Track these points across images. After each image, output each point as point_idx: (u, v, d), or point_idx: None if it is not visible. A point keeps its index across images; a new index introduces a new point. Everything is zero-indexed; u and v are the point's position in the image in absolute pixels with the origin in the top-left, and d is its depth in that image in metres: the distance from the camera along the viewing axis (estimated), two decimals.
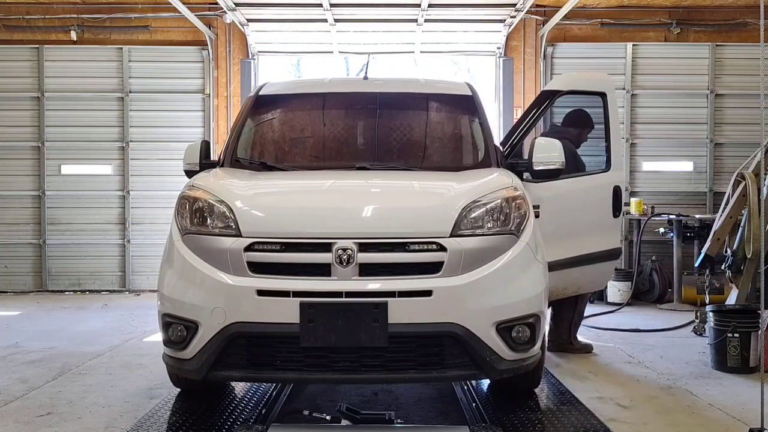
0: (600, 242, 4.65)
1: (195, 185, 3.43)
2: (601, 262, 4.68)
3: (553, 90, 4.82)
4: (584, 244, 4.54)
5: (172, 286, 3.22)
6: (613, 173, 4.71)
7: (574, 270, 4.47)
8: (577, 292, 4.92)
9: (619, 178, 4.73)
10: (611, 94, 4.78)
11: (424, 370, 3.05)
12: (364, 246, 3.02)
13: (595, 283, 4.95)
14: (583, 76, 4.99)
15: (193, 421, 3.52)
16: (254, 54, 9.34)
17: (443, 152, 4.31)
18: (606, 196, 4.66)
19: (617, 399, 4.10)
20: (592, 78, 4.92)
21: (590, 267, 4.61)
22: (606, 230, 4.67)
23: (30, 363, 5.03)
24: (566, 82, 4.91)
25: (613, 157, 4.73)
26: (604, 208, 4.64)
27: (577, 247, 4.48)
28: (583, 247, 4.52)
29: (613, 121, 4.76)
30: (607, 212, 4.66)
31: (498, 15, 8.67)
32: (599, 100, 4.80)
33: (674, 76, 9.06)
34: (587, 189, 4.62)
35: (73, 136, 9.10)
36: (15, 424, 3.64)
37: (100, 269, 9.13)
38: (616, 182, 4.69)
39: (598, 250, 4.63)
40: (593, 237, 4.61)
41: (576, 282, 4.64)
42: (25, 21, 9.17)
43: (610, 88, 4.79)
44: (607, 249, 4.66)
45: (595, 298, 8.24)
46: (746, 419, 3.67)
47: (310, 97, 4.55)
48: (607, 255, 4.67)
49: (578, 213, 4.59)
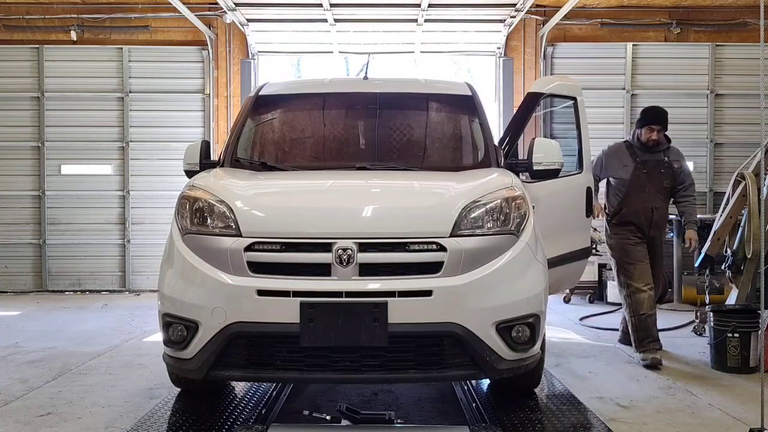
0: (577, 241, 4.81)
1: (195, 185, 3.43)
2: (578, 260, 4.84)
3: (538, 92, 4.90)
4: (566, 242, 4.66)
5: (172, 286, 3.22)
6: (585, 174, 4.84)
7: (558, 269, 4.53)
8: (557, 291, 5.17)
9: (590, 179, 4.88)
10: (580, 99, 4.95)
11: (424, 370, 3.05)
12: (364, 246, 3.02)
13: (571, 281, 5.16)
14: (557, 81, 5.16)
15: (193, 421, 3.52)
16: (254, 54, 9.34)
17: (443, 152, 4.31)
18: (581, 196, 4.78)
19: (617, 399, 4.10)
20: (564, 84, 5.08)
21: (570, 265, 4.73)
22: (582, 229, 4.84)
23: (30, 363, 5.03)
24: (545, 85, 5.03)
25: (584, 158, 4.86)
26: (580, 208, 4.78)
27: (561, 246, 4.55)
28: (565, 245, 4.62)
29: (583, 124, 4.91)
30: (582, 212, 4.79)
31: (498, 15, 8.67)
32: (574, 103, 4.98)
33: (674, 76, 9.07)
34: (567, 190, 4.73)
35: (73, 136, 9.10)
36: (15, 424, 3.64)
37: (100, 269, 9.14)
38: (588, 183, 4.83)
39: (576, 248, 4.77)
40: (572, 236, 4.76)
41: (559, 280, 4.72)
42: (25, 21, 9.17)
43: (579, 93, 4.97)
44: (583, 248, 4.84)
45: (595, 298, 8.26)
46: (746, 419, 3.67)
47: (310, 97, 4.55)
48: (583, 253, 4.85)
49: (562, 213, 4.71)
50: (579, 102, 4.92)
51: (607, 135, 9.05)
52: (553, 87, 4.98)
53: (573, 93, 4.95)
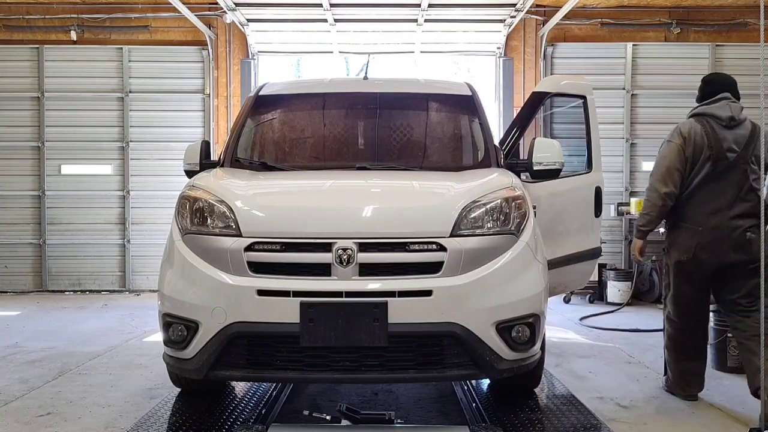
0: (585, 241, 4.74)
1: (195, 185, 3.43)
2: (586, 260, 4.77)
3: (543, 92, 4.89)
4: (572, 243, 4.63)
5: (172, 286, 3.22)
6: (594, 174, 4.81)
7: (563, 269, 4.51)
8: (563, 291, 5.06)
9: (600, 178, 4.81)
10: (591, 97, 4.91)
11: (424, 370, 3.05)
12: (364, 246, 3.02)
13: (578, 281, 4.99)
14: (568, 80, 5.14)
15: (193, 421, 3.52)
16: (254, 54, 9.35)
17: (443, 152, 4.31)
18: (589, 196, 4.74)
19: (617, 399, 4.11)
20: (574, 82, 5.07)
21: (576, 266, 4.70)
22: (590, 230, 4.74)
23: (30, 363, 5.03)
24: (554, 84, 5.02)
25: (594, 157, 4.84)
26: (589, 208, 4.73)
27: (566, 247, 4.54)
28: (570, 246, 4.60)
29: (593, 123, 4.87)
30: (591, 212, 4.75)
31: (498, 15, 8.67)
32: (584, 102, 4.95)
33: (674, 76, 9.06)
34: (573, 189, 4.71)
35: (73, 136, 9.10)
36: (15, 424, 3.65)
37: (100, 269, 9.14)
38: (597, 183, 4.77)
39: (583, 249, 4.72)
40: (579, 236, 4.71)
41: (563, 281, 4.70)
42: (25, 21, 9.17)
43: (590, 91, 4.93)
44: (591, 248, 4.75)
45: (595, 298, 8.26)
46: (746, 419, 3.67)
47: (310, 97, 4.55)
48: (590, 254, 4.75)
49: (567, 212, 4.68)
50: (589, 101, 4.87)
51: (607, 135, 9.08)
52: (564, 85, 4.96)
53: (584, 92, 4.90)
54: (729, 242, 3.85)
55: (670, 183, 3.96)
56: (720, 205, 3.88)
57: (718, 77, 4.22)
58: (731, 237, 3.85)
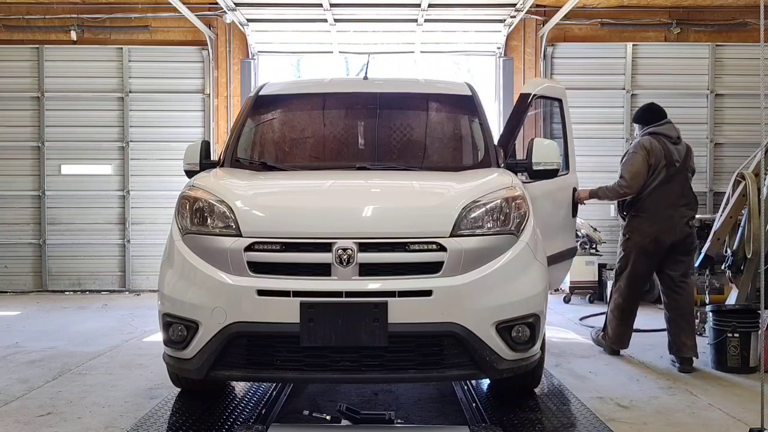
0: (566, 241, 4.91)
1: (195, 185, 3.43)
2: (566, 260, 4.91)
3: (527, 93, 4.96)
4: (556, 242, 4.70)
5: (172, 286, 3.22)
6: (571, 175, 4.93)
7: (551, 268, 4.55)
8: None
9: (575, 179, 4.99)
10: (565, 100, 5.09)
11: (424, 370, 3.05)
12: (364, 246, 3.01)
13: (557, 280, 5.31)
14: (544, 83, 5.26)
15: (193, 421, 3.52)
16: (254, 54, 9.35)
17: (443, 152, 4.31)
18: (568, 196, 4.89)
19: (617, 399, 4.10)
20: (551, 86, 5.21)
21: (558, 265, 4.77)
22: (570, 229, 5.01)
23: (30, 363, 5.03)
24: (534, 87, 5.09)
25: (570, 159, 4.95)
26: (568, 208, 4.88)
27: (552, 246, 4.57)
28: (555, 246, 4.66)
29: (568, 126, 5.05)
30: (569, 212, 4.89)
31: (498, 15, 8.68)
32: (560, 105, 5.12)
33: (674, 76, 9.08)
34: (558, 190, 4.79)
35: (73, 136, 9.11)
36: (15, 424, 3.64)
37: (100, 269, 9.14)
38: (574, 184, 4.94)
39: (564, 249, 4.85)
40: (561, 236, 4.84)
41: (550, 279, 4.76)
42: (25, 21, 9.18)
43: (564, 95, 5.10)
44: (570, 247, 4.98)
45: (595, 298, 8.26)
46: (746, 419, 3.67)
47: (310, 97, 4.55)
48: (569, 253, 5.00)
49: (554, 213, 4.78)
50: (565, 104, 5.05)
51: (607, 135, 9.10)
52: (541, 89, 5.07)
53: (559, 95, 5.08)
54: (679, 227, 4.89)
55: (635, 185, 4.89)
56: (672, 201, 4.91)
57: (658, 107, 5.14)
58: (680, 223, 4.89)
